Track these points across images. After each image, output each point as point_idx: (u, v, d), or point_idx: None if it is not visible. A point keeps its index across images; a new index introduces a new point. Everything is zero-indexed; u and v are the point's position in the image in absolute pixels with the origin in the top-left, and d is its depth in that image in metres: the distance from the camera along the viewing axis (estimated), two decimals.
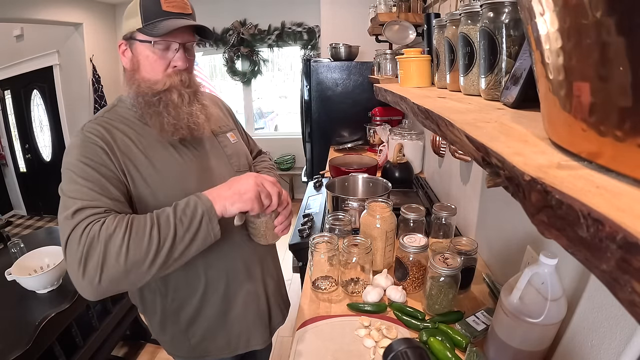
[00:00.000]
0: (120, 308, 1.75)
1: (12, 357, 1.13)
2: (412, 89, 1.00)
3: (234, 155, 0.95)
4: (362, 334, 0.89)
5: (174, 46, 0.79)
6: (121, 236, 0.64)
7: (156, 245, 0.65)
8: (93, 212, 0.66)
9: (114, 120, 0.81)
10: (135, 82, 0.80)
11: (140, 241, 0.65)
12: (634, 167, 0.21)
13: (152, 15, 0.75)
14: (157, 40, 0.76)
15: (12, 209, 4.60)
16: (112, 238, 0.63)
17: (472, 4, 0.64)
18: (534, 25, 0.28)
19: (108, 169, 0.74)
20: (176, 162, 0.83)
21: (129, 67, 0.82)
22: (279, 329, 1.16)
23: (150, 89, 0.79)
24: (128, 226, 0.65)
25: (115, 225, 0.65)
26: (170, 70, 0.80)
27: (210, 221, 0.70)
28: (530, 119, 0.44)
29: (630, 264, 0.16)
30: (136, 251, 0.64)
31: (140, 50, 0.78)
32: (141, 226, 0.66)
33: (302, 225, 1.52)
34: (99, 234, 0.63)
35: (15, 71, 4.00)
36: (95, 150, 0.74)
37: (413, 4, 1.80)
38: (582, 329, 0.67)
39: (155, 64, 0.79)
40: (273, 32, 3.93)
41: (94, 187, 0.70)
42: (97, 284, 0.63)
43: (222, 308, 0.94)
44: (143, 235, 0.65)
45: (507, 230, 1.03)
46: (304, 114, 2.87)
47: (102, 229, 0.64)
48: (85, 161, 0.72)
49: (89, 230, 0.64)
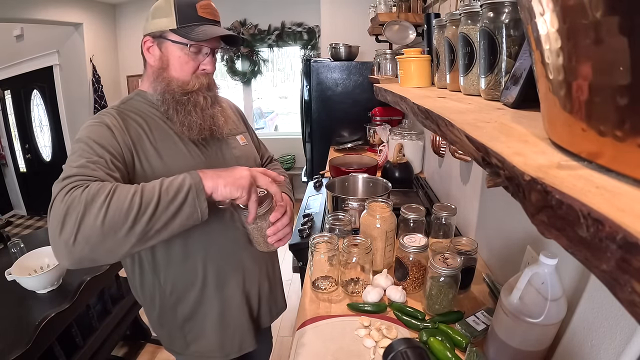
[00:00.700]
0: (120, 308, 1.75)
1: (12, 357, 1.13)
2: (412, 89, 1.00)
3: (242, 157, 0.97)
4: (362, 334, 0.89)
5: (205, 50, 0.83)
6: (102, 198, 0.61)
7: (136, 211, 0.61)
8: (81, 178, 0.65)
9: (130, 110, 0.84)
10: (164, 80, 0.83)
11: (122, 204, 0.61)
12: (634, 167, 0.21)
13: (187, 18, 0.79)
14: (193, 44, 0.80)
15: (12, 209, 4.60)
16: (93, 199, 0.60)
17: (472, 4, 0.64)
18: (534, 25, 0.28)
19: (112, 148, 0.74)
20: (184, 157, 0.84)
21: (157, 65, 0.83)
22: (279, 329, 1.16)
23: (181, 88, 0.82)
24: (111, 190, 0.62)
25: (98, 188, 0.62)
26: (199, 72, 0.84)
27: (197, 196, 0.66)
28: (530, 119, 0.44)
29: (630, 264, 0.16)
30: (115, 213, 0.60)
31: (171, 50, 0.81)
32: (124, 191, 0.63)
33: (302, 225, 1.52)
34: (81, 194, 0.61)
35: (15, 71, 4.00)
36: (102, 130, 0.75)
37: (413, 4, 1.80)
38: (582, 329, 0.67)
39: (186, 65, 0.82)
40: (273, 32, 3.93)
41: (91, 159, 0.70)
42: (72, 244, 0.59)
43: (219, 307, 0.95)
44: (125, 199, 0.61)
45: (507, 230, 1.03)
46: (304, 114, 2.87)
47: (85, 190, 0.62)
48: (91, 137, 0.73)
49: (73, 191, 0.62)
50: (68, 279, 1.63)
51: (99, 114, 0.80)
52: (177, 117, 0.83)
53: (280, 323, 2.31)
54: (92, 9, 3.67)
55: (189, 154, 0.85)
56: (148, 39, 0.83)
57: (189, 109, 0.83)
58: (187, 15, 0.79)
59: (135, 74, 4.10)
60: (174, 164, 0.82)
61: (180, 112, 0.83)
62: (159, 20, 0.80)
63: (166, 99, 0.83)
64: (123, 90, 4.18)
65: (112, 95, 3.94)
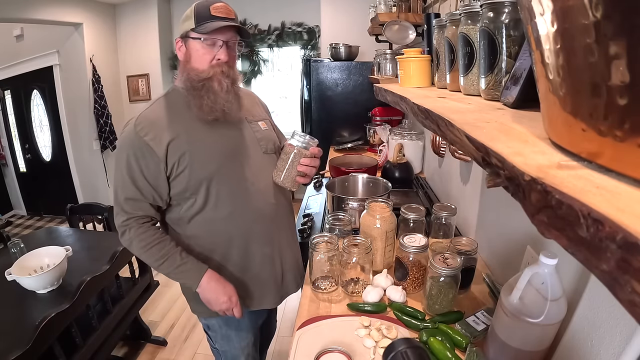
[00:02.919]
0: (120, 308, 1.74)
1: (12, 357, 1.13)
2: (412, 89, 1.00)
3: (263, 139, 1.11)
4: (362, 334, 0.89)
5: (219, 42, 0.96)
6: (141, 246, 0.98)
7: (156, 267, 1.01)
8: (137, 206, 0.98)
9: (163, 107, 0.99)
10: (186, 71, 0.98)
11: (150, 259, 1.00)
12: (634, 167, 0.21)
13: (202, 18, 0.93)
14: (205, 37, 0.94)
15: (12, 209, 4.59)
16: (137, 242, 0.99)
17: (472, 4, 0.64)
18: (534, 25, 0.28)
19: (154, 168, 0.95)
20: (211, 137, 1.00)
21: (183, 60, 0.99)
22: (279, 329, 1.18)
23: (198, 76, 0.96)
24: (148, 246, 0.98)
25: (145, 238, 0.98)
26: (214, 62, 0.97)
27: (191, 286, 1.02)
28: (530, 119, 0.44)
29: (630, 264, 0.16)
30: (147, 260, 1.01)
31: (192, 45, 0.96)
32: (154, 254, 0.98)
33: (302, 225, 1.52)
34: (133, 233, 0.98)
35: (15, 71, 3.99)
36: (143, 149, 0.93)
37: (413, 4, 1.81)
38: (582, 329, 0.67)
39: (203, 56, 0.96)
40: (273, 32, 3.92)
41: (134, 197, 0.96)
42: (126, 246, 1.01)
43: (241, 265, 1.09)
44: (152, 259, 0.99)
45: (507, 230, 1.03)
46: (304, 114, 2.87)
47: (135, 233, 0.98)
48: (135, 162, 0.94)
49: (130, 223, 0.98)
50: (68, 279, 1.63)
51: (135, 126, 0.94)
52: (194, 101, 0.97)
53: (281, 323, 2.31)
54: (92, 9, 3.67)
55: (215, 134, 1.00)
56: (178, 40, 0.99)
57: (202, 93, 0.96)
58: (202, 15, 0.93)
59: (135, 74, 4.09)
60: (203, 142, 0.99)
61: (196, 96, 0.97)
62: (185, 24, 0.96)
63: (187, 87, 0.98)
64: (123, 90, 4.17)
65: (112, 95, 3.92)
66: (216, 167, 0.98)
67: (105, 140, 3.83)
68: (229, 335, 1.20)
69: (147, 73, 4.06)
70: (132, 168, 0.94)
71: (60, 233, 2.20)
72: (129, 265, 1.84)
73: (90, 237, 2.18)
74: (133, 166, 0.94)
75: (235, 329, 1.19)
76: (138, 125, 0.94)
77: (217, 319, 1.16)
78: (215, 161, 0.99)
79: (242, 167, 1.03)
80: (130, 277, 1.89)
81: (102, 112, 3.75)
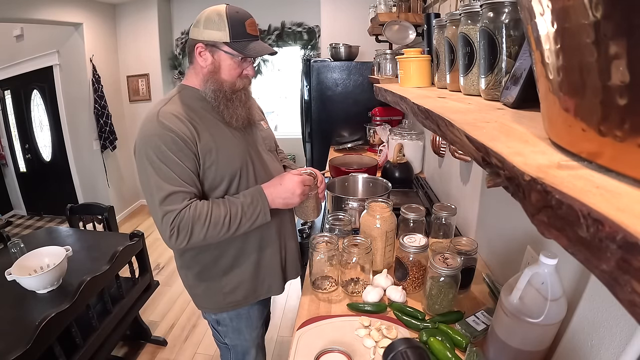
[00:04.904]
0: (120, 308, 1.74)
1: (12, 357, 1.13)
2: (412, 89, 1.00)
3: (266, 137, 1.20)
4: (362, 334, 0.89)
5: (250, 59, 1.02)
6: (202, 221, 0.93)
7: (226, 229, 0.96)
8: (180, 198, 0.93)
9: (181, 105, 1.00)
10: (217, 81, 1.01)
11: (215, 226, 0.95)
12: (634, 167, 0.21)
13: (239, 35, 0.96)
14: (245, 58, 1.00)
15: (12, 209, 4.59)
16: (197, 222, 0.93)
17: (472, 4, 0.64)
18: (534, 25, 0.28)
19: (189, 154, 0.95)
20: (231, 138, 1.05)
21: (208, 68, 1.01)
22: (279, 329, 1.18)
23: (231, 88, 1.02)
24: (208, 215, 0.94)
25: (199, 212, 0.93)
26: (242, 75, 1.03)
27: (265, 215, 1.01)
28: (530, 119, 0.44)
29: (630, 264, 0.16)
30: (213, 232, 0.95)
31: (223, 58, 0.99)
32: (218, 215, 0.95)
33: (302, 225, 1.52)
34: (188, 219, 0.92)
35: (15, 71, 3.99)
36: (176, 140, 0.92)
37: (413, 4, 1.80)
38: (582, 329, 0.67)
39: (234, 71, 1.01)
40: (273, 32, 3.93)
41: (180, 174, 0.93)
42: (183, 247, 0.95)
43: (256, 258, 1.14)
44: (218, 222, 0.95)
45: (507, 230, 1.03)
46: (304, 114, 2.87)
47: (189, 215, 0.92)
48: (169, 149, 0.92)
49: (180, 215, 0.92)
50: (68, 279, 1.63)
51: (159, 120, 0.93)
52: (227, 111, 1.03)
53: (281, 323, 2.31)
54: (92, 9, 3.66)
55: (233, 136, 1.05)
56: (200, 45, 0.99)
57: (236, 104, 1.03)
58: (239, 32, 0.96)
59: (135, 74, 4.09)
60: (224, 144, 1.02)
61: (230, 107, 1.03)
62: (212, 32, 0.96)
63: (217, 96, 1.02)
64: (123, 90, 4.17)
65: (112, 95, 3.93)
66: (239, 165, 1.04)
67: (105, 140, 3.83)
68: (239, 329, 1.23)
69: (147, 73, 4.06)
70: (168, 159, 0.92)
71: (60, 233, 2.20)
72: (129, 265, 1.84)
73: (90, 237, 2.18)
74: (169, 157, 0.92)
75: (245, 321, 1.22)
76: (164, 119, 0.93)
77: (228, 312, 1.18)
78: (237, 160, 1.04)
79: (257, 165, 1.10)
80: (130, 277, 1.89)
81: (102, 112, 3.75)
